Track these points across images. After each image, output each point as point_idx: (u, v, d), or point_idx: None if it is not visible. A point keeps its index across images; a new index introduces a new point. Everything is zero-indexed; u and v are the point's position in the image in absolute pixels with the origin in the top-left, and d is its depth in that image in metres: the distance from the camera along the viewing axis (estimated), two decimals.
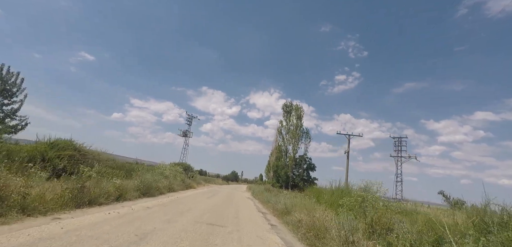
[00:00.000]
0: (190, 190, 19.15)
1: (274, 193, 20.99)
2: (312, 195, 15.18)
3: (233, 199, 17.51)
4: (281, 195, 19.82)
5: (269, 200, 16.26)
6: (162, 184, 14.65)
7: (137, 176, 12.05)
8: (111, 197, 8.81)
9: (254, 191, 25.80)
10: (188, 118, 44.98)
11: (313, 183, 42.67)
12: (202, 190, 21.27)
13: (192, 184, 23.23)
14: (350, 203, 7.63)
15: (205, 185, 31.24)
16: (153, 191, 12.32)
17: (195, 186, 24.05)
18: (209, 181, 47.65)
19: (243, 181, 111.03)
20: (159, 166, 19.44)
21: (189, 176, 25.88)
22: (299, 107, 42.84)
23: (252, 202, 17.23)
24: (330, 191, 12.94)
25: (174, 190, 16.28)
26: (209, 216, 8.14)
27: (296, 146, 41.17)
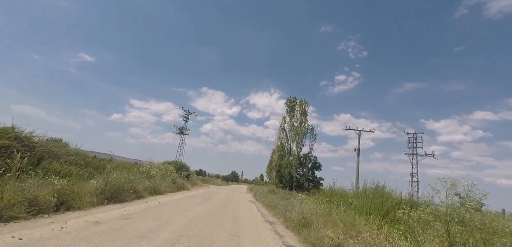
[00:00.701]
0: (181, 193, 16.12)
1: (281, 196, 17.95)
2: (327, 197, 12.19)
3: (232, 203, 14.48)
4: (293, 199, 16.80)
5: (276, 204, 13.23)
6: (142, 186, 11.61)
7: (100, 176, 8.98)
8: (48, 204, 5.81)
9: (256, 193, 22.76)
10: (185, 114, 41.90)
11: (318, 183, 39.62)
12: (195, 192, 18.24)
13: (185, 185, 20.20)
14: (422, 218, 4.59)
15: (201, 186, 28.17)
16: (125, 195, 9.27)
17: (189, 188, 21.00)
18: (207, 182, 44.59)
19: (243, 181, 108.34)
20: (145, 164, 16.39)
21: (183, 176, 22.85)
22: (304, 102, 39.79)
23: (255, 207, 14.21)
24: (359, 194, 9.88)
25: (160, 192, 13.25)
26: (187, 241, 5.07)
27: (300, 143, 38.13)
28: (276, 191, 20.44)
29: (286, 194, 18.79)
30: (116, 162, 15.34)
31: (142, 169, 15.02)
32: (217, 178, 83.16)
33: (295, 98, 41.27)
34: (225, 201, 14.92)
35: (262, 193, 20.06)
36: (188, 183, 23.95)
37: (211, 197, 15.97)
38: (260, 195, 20.10)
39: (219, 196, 17.61)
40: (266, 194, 18.92)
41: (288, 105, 41.18)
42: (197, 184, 27.38)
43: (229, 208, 11.88)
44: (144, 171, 14.79)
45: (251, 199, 19.90)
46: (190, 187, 22.68)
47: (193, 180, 27.86)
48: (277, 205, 12.91)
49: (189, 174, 28.50)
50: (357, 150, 30.15)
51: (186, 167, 28.05)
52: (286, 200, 15.48)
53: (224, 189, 32.56)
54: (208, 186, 33.69)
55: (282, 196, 17.83)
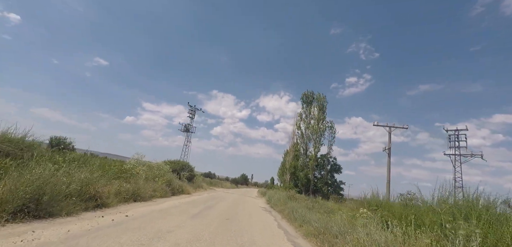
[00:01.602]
0: (177, 198, 12.37)
1: (304, 203, 13.91)
2: (365, 208, 8.15)
3: (241, 213, 10.57)
4: (320, 208, 12.78)
5: (304, 218, 9.25)
6: (112, 189, 7.94)
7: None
8: None
9: (271, 198, 18.78)
10: (190, 111, 38.40)
11: (338, 187, 35.13)
12: (197, 198, 14.47)
13: (185, 189, 16.49)
14: None
15: (206, 190, 24.43)
16: (66, 204, 5.60)
17: (191, 192, 17.28)
18: (215, 184, 40.91)
19: (253, 184, 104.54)
20: (131, 161, 12.77)
21: (183, 178, 19.26)
22: (322, 97, 35.60)
23: (273, 219, 10.27)
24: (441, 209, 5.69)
25: (142, 198, 9.56)
26: None
27: (318, 143, 33.89)
28: (296, 197, 16.42)
29: (310, 202, 14.74)
30: (96, 157, 11.81)
31: (125, 167, 11.40)
32: (226, 180, 79.56)
33: (312, 93, 37.16)
34: (232, 210, 11.04)
35: (279, 199, 16.05)
36: (190, 186, 20.28)
37: (214, 204, 12.14)
38: (276, 201, 16.10)
39: (225, 203, 13.77)
40: (284, 201, 14.91)
41: (304, 101, 37.11)
42: (202, 187, 23.68)
43: (237, 224, 7.97)
44: (127, 169, 11.16)
45: (265, 207, 15.95)
46: (192, 190, 18.97)
47: (197, 183, 24.20)
48: (306, 220, 8.91)
49: (193, 176, 24.88)
50: (387, 149, 25.57)
51: (189, 167, 24.43)
52: (316, 211, 11.49)
53: (233, 193, 28.75)
54: (214, 189, 29.96)
55: (305, 204, 13.78)
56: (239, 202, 16.40)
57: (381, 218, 6.62)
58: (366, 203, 11.01)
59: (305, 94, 37.34)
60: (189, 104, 37.91)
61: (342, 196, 33.22)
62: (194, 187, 21.94)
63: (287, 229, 8.60)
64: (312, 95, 36.97)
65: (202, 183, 28.46)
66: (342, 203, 18.02)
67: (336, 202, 25.52)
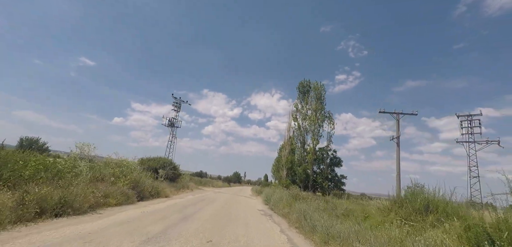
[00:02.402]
0: (140, 206, 8.83)
1: (315, 204, 10.72)
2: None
3: (234, 224, 7.25)
4: (335, 210, 9.70)
5: (331, 230, 6.09)
6: (8, 200, 4.50)
7: None
8: None
9: (269, 198, 15.53)
10: (175, 103, 34.28)
11: (340, 182, 32.26)
12: (173, 203, 10.96)
13: (163, 191, 12.97)
14: None
15: (192, 191, 20.91)
16: None
17: (170, 194, 13.75)
18: (205, 184, 37.34)
19: (246, 182, 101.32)
20: (72, 155, 9.20)
21: (161, 177, 15.78)
22: (320, 86, 32.58)
23: (280, 231, 7.01)
24: None
25: (75, 210, 6.11)
26: None
27: (316, 135, 30.84)
28: (301, 195, 13.21)
29: (322, 201, 11.56)
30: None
31: (65, 164, 7.86)
32: (218, 179, 75.90)
33: (308, 82, 34.06)
34: (220, 219, 7.69)
35: (281, 199, 12.79)
36: (172, 187, 16.76)
37: (195, 212, 8.73)
38: (277, 202, 12.83)
39: (212, 208, 10.39)
40: (288, 201, 11.66)
41: (300, 90, 33.96)
42: (187, 188, 20.16)
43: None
44: (66, 167, 7.61)
45: (264, 210, 12.69)
46: (173, 193, 15.45)
47: (183, 183, 20.67)
48: (333, 232, 5.72)
49: (177, 175, 21.33)
50: (396, 138, 22.82)
51: (171, 165, 20.87)
52: (335, 216, 8.40)
53: (225, 192, 25.36)
54: (203, 189, 26.44)
55: (316, 206, 10.61)
56: (231, 204, 13.05)
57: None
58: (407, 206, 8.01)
59: (301, 84, 34.25)
60: (174, 96, 33.97)
61: (343, 191, 30.40)
62: (178, 187, 18.44)
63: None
64: (308, 84, 33.91)
65: (190, 183, 24.93)
66: (357, 201, 15.01)
67: (344, 199, 22.56)
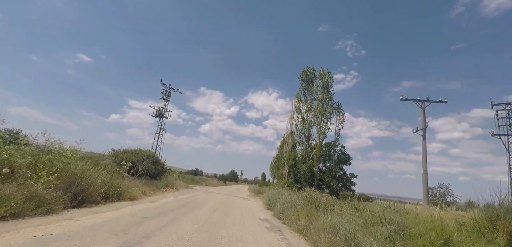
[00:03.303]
0: (66, 216, 5.28)
1: (348, 214, 7.20)
2: None
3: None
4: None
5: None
6: None
7: None
8: None
9: (273, 201, 11.95)
10: (164, 91, 30.29)
11: (349, 182, 28.84)
12: (134, 209, 7.33)
13: (129, 191, 9.35)
14: None
15: (178, 190, 17.20)
16: None
17: (138, 196, 10.06)
18: (198, 182, 33.65)
19: (242, 181, 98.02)
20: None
21: (125, 171, 12.13)
22: (326, 73, 29.02)
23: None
24: None
25: None
26: None
27: (323, 128, 27.34)
28: (322, 200, 9.66)
29: (357, 215, 8.06)
30: None
31: None
32: (214, 178, 72.24)
33: (313, 69, 30.49)
34: (204, 237, 4.17)
35: (292, 204, 9.25)
36: (150, 186, 13.14)
37: (157, 230, 5.13)
38: (286, 208, 9.27)
39: (191, 220, 6.78)
40: (306, 210, 8.13)
41: (303, 79, 30.36)
42: (171, 187, 16.49)
43: None
44: None
45: (267, 218, 9.14)
46: (150, 193, 11.81)
47: (167, 181, 17.03)
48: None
49: (161, 171, 17.68)
50: (421, 130, 19.39)
51: (154, 158, 17.21)
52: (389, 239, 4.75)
53: (219, 192, 21.77)
54: (194, 188, 22.78)
55: (348, 216, 7.05)
56: (224, 211, 9.48)
57: None
58: None
59: (304, 72, 30.64)
60: (162, 82, 29.97)
61: (353, 192, 26.95)
62: (160, 186, 14.79)
63: None
64: (313, 71, 30.34)
65: (178, 181, 21.28)
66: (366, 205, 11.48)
67: (354, 200, 19.09)
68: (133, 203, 8.43)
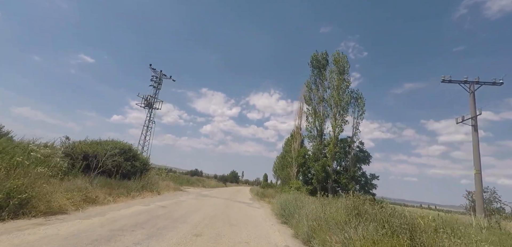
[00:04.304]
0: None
1: None
2: None
3: None
4: None
5: None
6: None
7: None
8: None
9: (288, 210, 8.05)
10: (155, 77, 26.10)
11: (370, 185, 24.81)
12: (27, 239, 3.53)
13: (55, 201, 5.53)
14: None
15: (159, 194, 13.17)
16: None
17: (69, 207, 6.20)
18: (193, 183, 29.67)
19: (243, 182, 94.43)
20: None
21: (82, 169, 8.27)
22: (342, 56, 25.03)
23: None
24: None
25: None
26: None
27: (340, 120, 23.35)
28: (371, 213, 5.87)
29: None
30: None
31: None
32: (214, 178, 68.38)
33: (325, 54, 26.52)
34: None
35: (329, 219, 5.40)
36: (120, 189, 9.21)
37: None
38: (324, 228, 5.41)
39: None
40: (370, 235, 4.28)
41: (314, 65, 26.35)
42: (150, 190, 12.51)
43: None
44: None
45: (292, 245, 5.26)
46: (99, 201, 7.87)
47: (147, 181, 13.11)
48: None
49: (140, 170, 13.75)
50: (471, 120, 15.37)
51: (131, 151, 13.29)
52: None
53: (216, 196, 17.81)
54: (185, 190, 18.79)
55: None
56: (219, 229, 5.57)
57: None
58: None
59: (314, 57, 26.59)
60: (152, 67, 25.80)
61: (373, 196, 22.88)
62: (133, 189, 10.89)
63: None
64: (325, 57, 26.33)
65: (166, 182, 17.34)
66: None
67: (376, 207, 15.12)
68: (36, 223, 4.46)
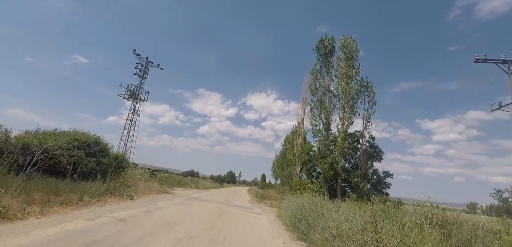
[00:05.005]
0: None
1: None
2: None
3: None
4: None
5: None
6: None
7: None
8: None
9: (306, 222, 5.40)
10: (140, 64, 22.95)
11: (383, 184, 22.26)
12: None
13: None
14: None
15: (129, 200, 10.27)
16: None
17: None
18: (185, 184, 26.77)
19: (241, 183, 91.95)
20: None
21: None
22: (351, 41, 22.41)
23: None
24: None
25: None
26: None
27: (349, 111, 20.74)
28: None
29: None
30: None
31: None
32: (210, 179, 65.34)
33: (332, 39, 23.87)
34: None
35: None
36: (70, 194, 6.39)
37: None
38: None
39: None
40: None
41: (320, 52, 23.66)
42: (119, 195, 9.68)
43: None
44: None
45: None
46: (11, 216, 5.09)
47: (123, 183, 10.31)
48: None
49: (109, 167, 10.91)
50: (507, 107, 12.94)
51: (97, 145, 10.45)
52: None
53: (209, 199, 15.04)
54: (172, 193, 15.93)
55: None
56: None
57: None
58: None
59: (321, 42, 23.87)
60: (136, 53, 22.65)
61: (387, 195, 20.35)
62: (102, 191, 8.09)
63: None
64: (331, 42, 23.67)
65: (148, 182, 14.54)
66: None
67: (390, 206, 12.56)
68: None
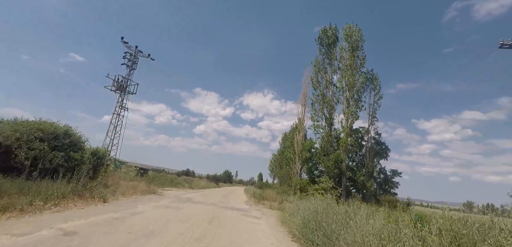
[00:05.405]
0: None
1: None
2: None
3: None
4: None
5: None
6: None
7: None
8: None
9: (323, 235, 3.88)
10: (128, 53, 21.24)
11: (391, 184, 20.92)
12: None
13: None
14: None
15: (104, 204, 8.66)
16: None
17: None
18: (178, 184, 25.07)
19: (237, 182, 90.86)
20: None
21: None
22: (356, 30, 20.98)
23: None
24: None
25: None
26: None
27: (354, 105, 19.33)
28: None
29: None
30: None
31: None
32: (206, 179, 63.63)
33: (335, 29, 22.43)
34: None
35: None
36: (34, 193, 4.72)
37: None
38: None
39: None
40: None
41: (323, 42, 22.20)
42: (87, 198, 8.03)
43: None
44: None
45: None
46: None
47: (100, 182, 8.66)
48: None
49: (88, 165, 9.25)
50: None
51: (68, 137, 8.79)
52: None
53: (202, 200, 13.44)
54: (160, 194, 14.27)
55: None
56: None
57: None
58: None
59: (324, 32, 22.36)
60: (124, 41, 20.98)
61: (395, 195, 18.98)
62: (67, 193, 6.44)
63: None
64: (335, 32, 22.21)
65: (133, 182, 12.92)
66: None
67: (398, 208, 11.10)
68: None
